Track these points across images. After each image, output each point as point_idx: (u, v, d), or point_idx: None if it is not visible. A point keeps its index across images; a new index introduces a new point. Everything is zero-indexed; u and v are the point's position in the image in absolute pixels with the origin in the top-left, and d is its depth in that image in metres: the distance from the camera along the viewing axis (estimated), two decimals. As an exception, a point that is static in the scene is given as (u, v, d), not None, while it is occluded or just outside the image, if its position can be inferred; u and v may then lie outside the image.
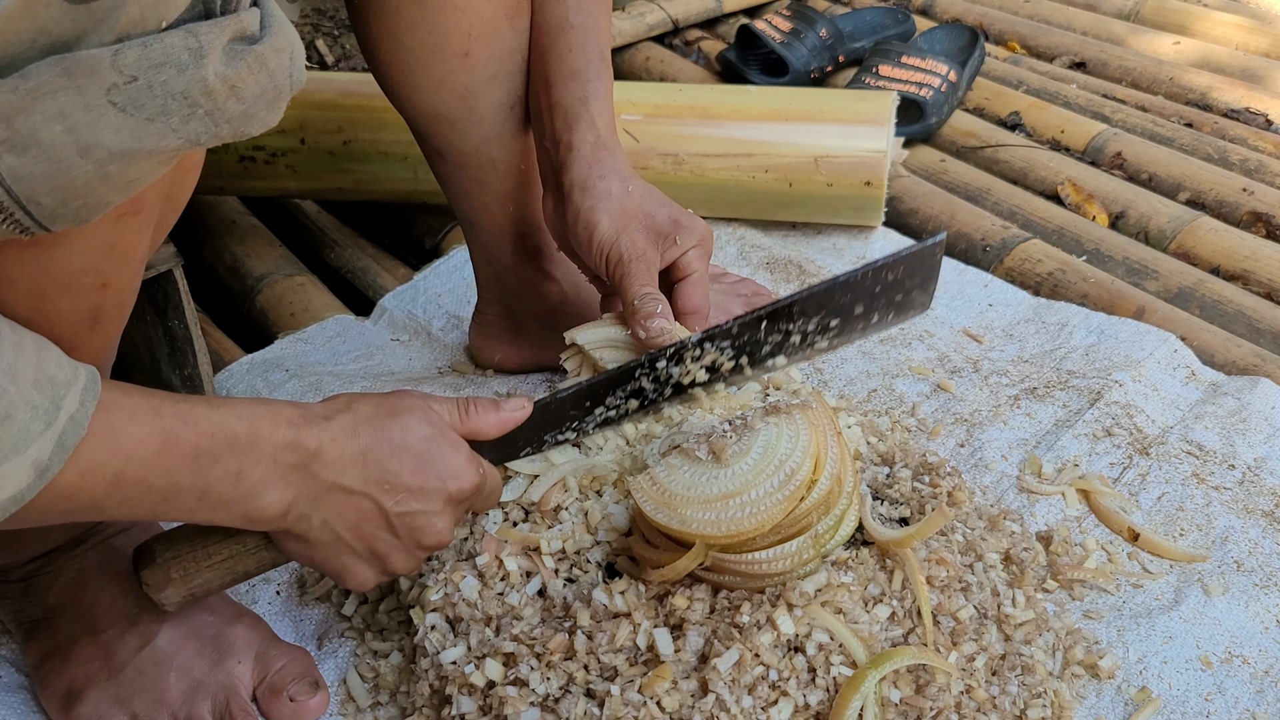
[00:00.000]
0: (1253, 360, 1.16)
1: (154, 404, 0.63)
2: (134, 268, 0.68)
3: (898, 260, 0.89)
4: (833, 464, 0.76)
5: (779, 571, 0.75)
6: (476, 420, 0.79)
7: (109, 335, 0.71)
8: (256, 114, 0.56)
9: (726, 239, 1.39)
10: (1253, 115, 1.67)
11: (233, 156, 1.37)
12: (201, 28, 0.52)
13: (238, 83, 0.53)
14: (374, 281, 1.38)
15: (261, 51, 0.54)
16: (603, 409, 0.87)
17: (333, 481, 0.71)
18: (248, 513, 0.69)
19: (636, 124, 1.35)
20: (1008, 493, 1.01)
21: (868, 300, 0.90)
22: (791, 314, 0.88)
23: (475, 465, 0.77)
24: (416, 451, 0.74)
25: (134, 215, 0.63)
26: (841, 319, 0.91)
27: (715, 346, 0.87)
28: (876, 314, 0.92)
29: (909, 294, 0.93)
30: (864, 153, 1.31)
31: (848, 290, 0.89)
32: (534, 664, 0.77)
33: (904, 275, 0.91)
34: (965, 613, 0.81)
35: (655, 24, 1.92)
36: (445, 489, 0.75)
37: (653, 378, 0.87)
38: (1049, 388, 1.12)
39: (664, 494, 0.76)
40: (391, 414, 0.74)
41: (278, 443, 0.68)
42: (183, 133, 0.53)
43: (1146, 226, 1.42)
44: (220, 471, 0.66)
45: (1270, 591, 0.91)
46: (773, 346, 0.89)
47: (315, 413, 0.71)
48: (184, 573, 0.77)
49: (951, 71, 1.64)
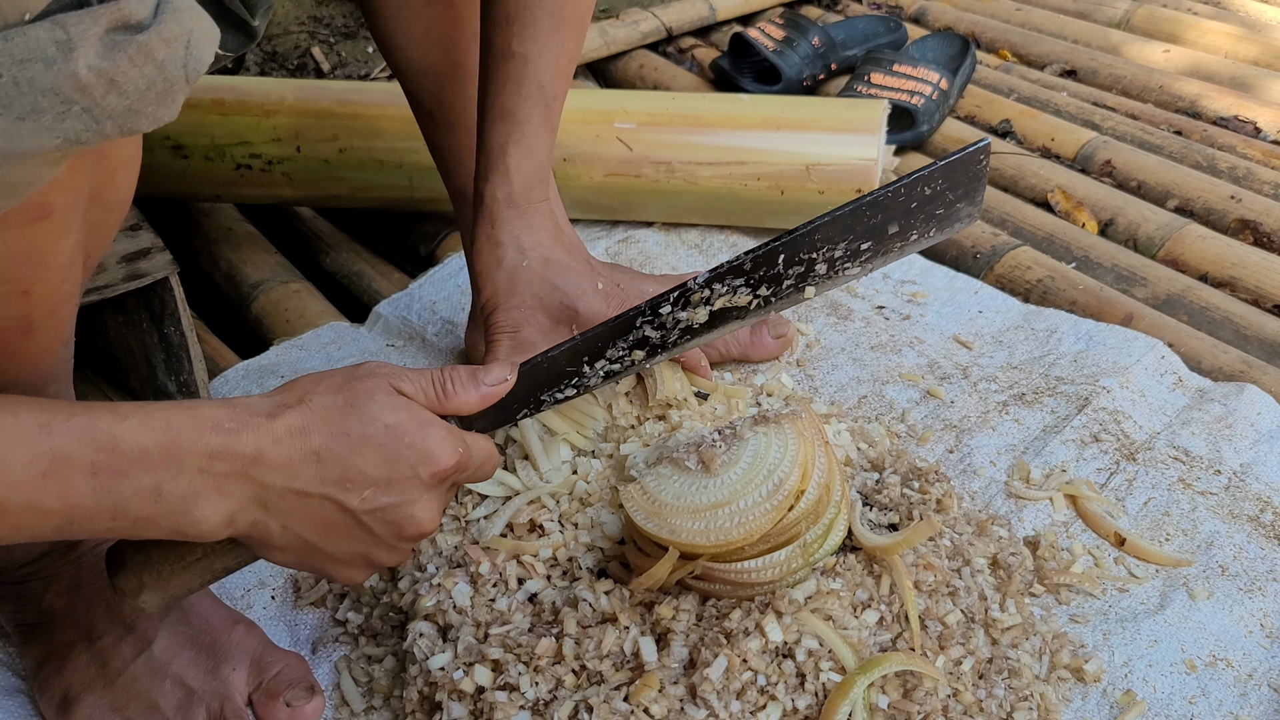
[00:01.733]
0: (1239, 367, 1.17)
1: (44, 420, 0.58)
2: (58, 273, 0.64)
3: (934, 171, 0.81)
4: (820, 473, 0.77)
5: (767, 580, 0.76)
6: (455, 398, 0.74)
7: (47, 343, 0.68)
8: (144, 110, 0.52)
9: (719, 246, 1.40)
10: (1241, 123, 1.69)
11: (229, 164, 1.38)
12: (70, 18, 0.48)
13: (117, 76, 0.50)
14: (369, 287, 1.39)
15: (146, 41, 0.50)
16: (604, 362, 0.82)
17: (284, 487, 0.65)
18: (179, 528, 0.63)
19: (630, 132, 1.36)
20: (996, 498, 1.02)
21: (903, 218, 0.82)
22: (813, 242, 0.81)
23: (453, 442, 0.71)
24: (380, 443, 0.67)
25: (42, 220, 0.59)
26: (874, 241, 0.83)
27: (726, 285, 0.82)
28: (915, 231, 0.83)
29: (952, 206, 0.83)
30: (855, 161, 1.32)
31: (877, 210, 0.81)
32: (522, 669, 0.77)
33: (944, 187, 0.82)
34: (952, 617, 0.82)
35: (649, 31, 1.94)
36: (418, 475, 0.69)
37: (657, 324, 0.82)
38: (1038, 394, 1.13)
39: (654, 503, 0.77)
40: (350, 404, 0.68)
41: (203, 452, 0.62)
42: (59, 131, 0.49)
43: (1135, 234, 1.43)
44: (132, 488, 0.60)
45: (1254, 596, 0.92)
46: (795, 278, 0.83)
47: (256, 411, 0.65)
48: (157, 576, 0.72)
49: (943, 79, 1.66)
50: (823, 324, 1.25)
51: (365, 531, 0.69)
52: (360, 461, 0.67)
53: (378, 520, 0.69)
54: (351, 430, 0.67)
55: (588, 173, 1.36)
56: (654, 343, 0.82)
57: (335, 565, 0.71)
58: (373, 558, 0.72)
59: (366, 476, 0.67)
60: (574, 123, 1.36)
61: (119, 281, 1.03)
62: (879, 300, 1.30)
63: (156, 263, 1.05)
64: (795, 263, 0.81)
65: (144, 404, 0.62)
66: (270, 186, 1.40)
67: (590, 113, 1.38)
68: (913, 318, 1.27)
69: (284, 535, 0.67)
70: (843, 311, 1.27)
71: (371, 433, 0.67)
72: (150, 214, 1.20)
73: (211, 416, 0.63)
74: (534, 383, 0.80)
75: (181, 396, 1.13)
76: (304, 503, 0.66)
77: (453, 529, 0.89)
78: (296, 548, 0.69)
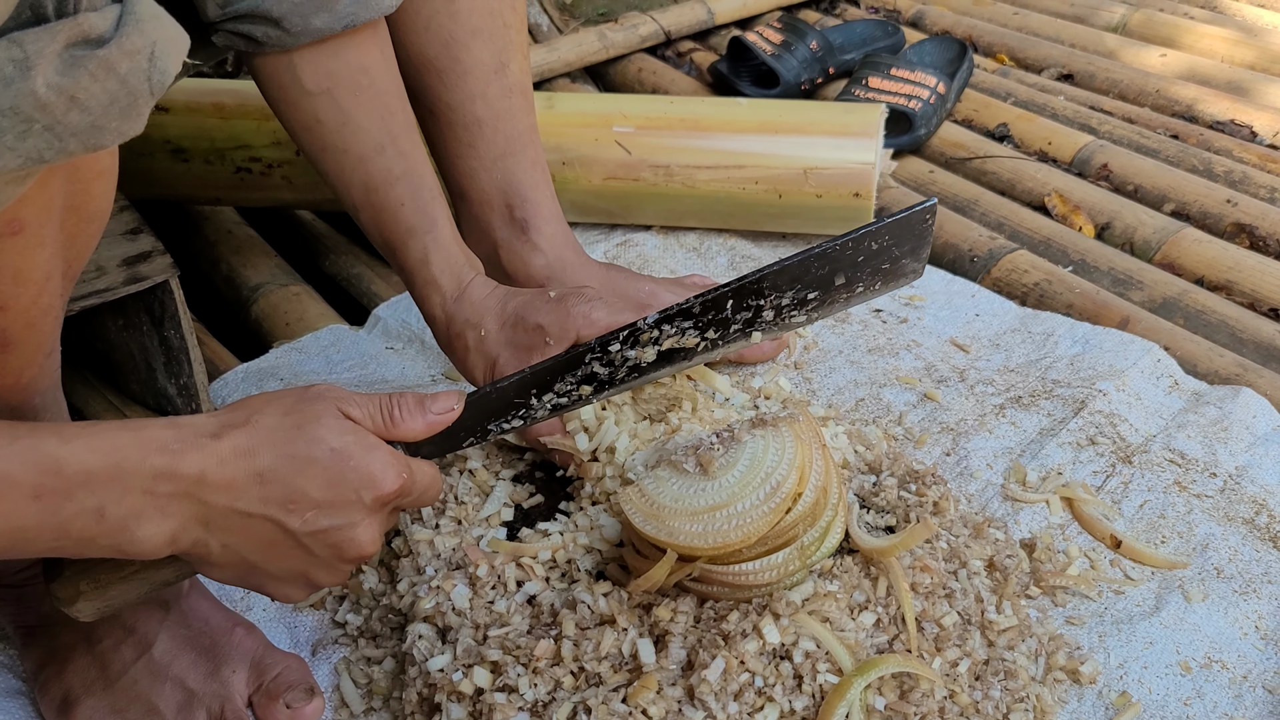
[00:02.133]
0: (1235, 370, 1.18)
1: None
2: (34, 287, 0.64)
3: (881, 228, 0.84)
4: (818, 476, 0.78)
5: (765, 582, 0.77)
6: (401, 426, 0.75)
7: (25, 356, 0.69)
8: (108, 125, 0.51)
9: (717, 249, 1.40)
10: (1238, 127, 1.69)
11: (229, 167, 1.38)
12: (27, 36, 0.48)
13: (77, 93, 0.49)
14: (368, 289, 1.39)
15: (107, 56, 0.50)
16: (552, 395, 0.83)
17: (226, 506, 0.65)
18: (120, 547, 0.63)
19: (628, 136, 1.36)
20: (992, 500, 1.03)
21: (850, 270, 0.85)
22: (761, 290, 0.84)
23: (397, 467, 0.72)
24: (325, 465, 0.68)
25: (13, 236, 0.59)
26: (821, 290, 0.86)
27: (675, 327, 0.84)
28: (861, 284, 0.87)
29: (897, 262, 0.87)
30: (852, 164, 1.33)
31: (825, 261, 0.84)
32: (521, 670, 0.78)
33: (891, 243, 0.85)
34: (949, 619, 0.82)
35: (648, 35, 1.94)
36: (361, 499, 0.70)
37: (605, 361, 0.84)
38: (1034, 397, 1.14)
39: (652, 506, 0.77)
40: (297, 426, 0.68)
41: (148, 473, 0.62)
42: (21, 150, 0.49)
43: (1132, 237, 1.44)
44: (75, 509, 0.60)
45: (1249, 598, 0.93)
46: (743, 323, 0.85)
47: (202, 430, 0.65)
48: (95, 584, 0.72)
49: (940, 83, 1.66)
50: (820, 326, 1.25)
51: (305, 552, 0.70)
52: (304, 483, 0.67)
53: (318, 542, 0.70)
54: (297, 452, 0.67)
55: (586, 176, 1.37)
56: (601, 379, 0.84)
57: (274, 583, 0.72)
58: (312, 577, 0.72)
59: (310, 499, 0.68)
60: (573, 126, 1.37)
61: (119, 285, 1.03)
62: (876, 303, 1.31)
63: (156, 266, 1.05)
64: (743, 308, 0.84)
65: (90, 424, 0.63)
66: (270, 190, 1.40)
67: (589, 116, 1.38)
68: (910, 321, 1.27)
69: (224, 554, 0.68)
70: (840, 314, 1.27)
71: (317, 455, 0.68)
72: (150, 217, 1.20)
73: (157, 438, 0.63)
74: (482, 411, 0.81)
75: (182, 400, 1.14)
76: (246, 523, 0.67)
77: (451, 530, 0.89)
78: (236, 565, 0.69)
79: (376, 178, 0.93)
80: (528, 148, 1.10)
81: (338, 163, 0.92)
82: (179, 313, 1.08)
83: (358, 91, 0.91)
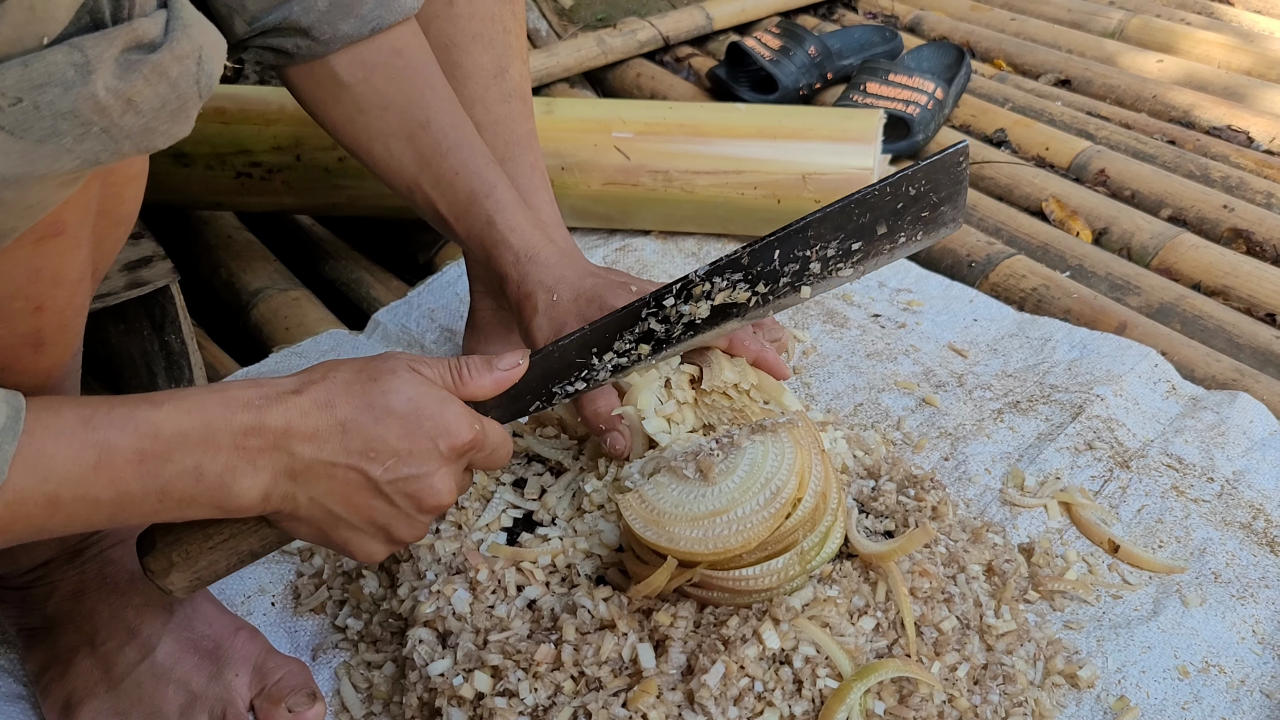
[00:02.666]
0: (1232, 375, 1.18)
1: (85, 415, 0.60)
2: (69, 289, 0.66)
3: (918, 171, 0.84)
4: (817, 481, 0.78)
5: (765, 588, 0.77)
6: (470, 384, 0.76)
7: (56, 356, 0.70)
8: (159, 127, 0.53)
9: (716, 254, 1.40)
10: (1234, 133, 1.70)
11: (229, 173, 1.38)
12: (87, 41, 0.49)
13: (134, 96, 0.51)
14: (368, 294, 1.40)
15: (160, 60, 0.51)
16: (613, 355, 0.83)
17: (312, 457, 0.67)
18: (221, 504, 0.66)
19: (628, 141, 1.37)
20: (991, 505, 1.03)
21: (891, 218, 0.84)
22: (806, 239, 0.83)
23: (469, 419, 0.73)
24: (402, 414, 0.70)
25: (55, 237, 0.61)
26: (864, 241, 0.85)
27: (726, 279, 0.84)
28: (903, 233, 0.86)
29: (936, 209, 0.86)
30: (851, 170, 1.33)
31: (865, 209, 0.83)
32: (521, 675, 0.78)
33: (928, 188, 0.85)
34: (948, 624, 0.83)
35: (646, 41, 1.95)
36: (437, 448, 0.71)
37: (661, 317, 0.84)
38: (1032, 402, 1.14)
39: (653, 512, 0.77)
40: (372, 378, 0.70)
41: (237, 429, 0.65)
42: (78, 152, 0.51)
43: (1129, 243, 1.44)
44: (175, 470, 0.63)
45: (1246, 602, 0.93)
46: (791, 276, 0.85)
47: (283, 388, 0.68)
48: (186, 556, 0.74)
49: (938, 89, 1.67)
50: (819, 331, 1.26)
51: (386, 502, 0.71)
52: (383, 431, 0.69)
53: (398, 490, 0.71)
54: (375, 403, 0.69)
55: (585, 181, 1.37)
56: (659, 336, 0.84)
57: (357, 537, 0.73)
58: (392, 530, 0.73)
59: (389, 446, 0.70)
60: (572, 131, 1.38)
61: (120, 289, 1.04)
62: (875, 308, 1.31)
63: (157, 271, 1.06)
64: (790, 259, 0.84)
65: (176, 391, 0.65)
66: (270, 195, 1.41)
67: (588, 122, 1.39)
68: (908, 326, 1.28)
69: (310, 507, 0.70)
70: (839, 319, 1.28)
71: (394, 404, 0.70)
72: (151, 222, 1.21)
73: (241, 396, 0.66)
74: (545, 372, 0.81)
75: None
76: (330, 472, 0.69)
77: (451, 535, 0.89)
78: (321, 519, 0.71)
79: (427, 152, 0.92)
80: (527, 152, 1.10)
81: (385, 148, 0.92)
82: (179, 317, 1.08)
83: (394, 74, 0.91)
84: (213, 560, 0.75)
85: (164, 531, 0.75)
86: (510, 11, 1.07)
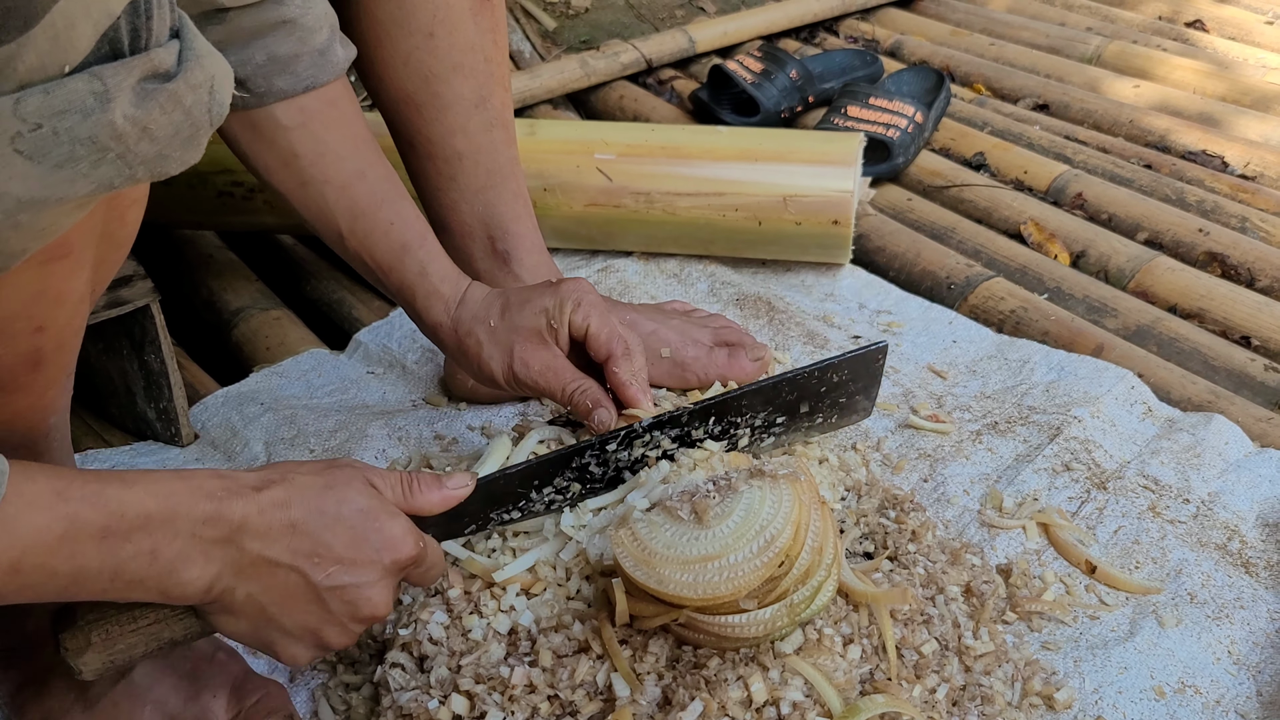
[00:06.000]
0: (1207, 397, 1.19)
1: (60, 487, 0.61)
2: (70, 309, 0.67)
3: (842, 361, 0.93)
4: (814, 537, 0.77)
5: (751, 636, 0.76)
6: (419, 498, 0.78)
7: (52, 376, 0.71)
8: (172, 154, 0.54)
9: (697, 276, 1.41)
10: (1209, 157, 1.72)
11: (211, 192, 1.38)
12: (107, 70, 0.51)
13: (149, 124, 0.52)
14: (350, 314, 1.40)
15: (175, 89, 0.53)
16: (550, 489, 0.86)
17: (258, 554, 0.69)
18: (166, 589, 0.66)
19: (610, 163, 1.37)
20: (969, 526, 1.03)
21: (813, 399, 0.94)
22: (740, 407, 0.90)
23: (414, 536, 0.75)
24: (351, 524, 0.72)
25: (61, 259, 0.62)
26: (788, 417, 0.94)
27: (665, 434, 0.88)
28: (821, 414, 0.96)
29: (852, 397, 0.96)
30: (831, 192, 1.34)
31: (794, 387, 0.92)
32: (498, 698, 0.78)
33: (849, 377, 0.94)
34: (929, 647, 0.83)
35: (629, 63, 1.96)
36: (381, 560, 0.73)
37: (600, 460, 0.87)
38: (1010, 423, 1.15)
39: (644, 551, 0.77)
40: (328, 485, 0.72)
41: (197, 517, 0.66)
42: (94, 178, 0.52)
43: (1106, 265, 1.46)
44: (132, 551, 0.63)
45: (1222, 623, 0.94)
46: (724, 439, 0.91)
47: (244, 483, 0.69)
48: (106, 637, 0.73)
49: (918, 113, 1.68)
50: (800, 353, 1.26)
51: (322, 607, 0.72)
52: (331, 538, 0.71)
53: (336, 598, 0.72)
54: (328, 509, 0.71)
55: (568, 203, 1.38)
56: (595, 477, 0.88)
57: (286, 639, 0.73)
58: (322, 636, 0.74)
59: (334, 554, 0.71)
60: (555, 153, 1.38)
61: (100, 309, 1.03)
62: (855, 329, 1.32)
63: (137, 290, 1.05)
64: (723, 424, 0.91)
65: (147, 472, 0.66)
66: (252, 214, 1.41)
67: (571, 143, 1.39)
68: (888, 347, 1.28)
69: (246, 603, 0.70)
70: (819, 340, 1.28)
71: (345, 513, 0.72)
72: (132, 241, 1.20)
73: (206, 485, 0.67)
74: (488, 496, 0.84)
75: (161, 424, 1.13)
76: (273, 572, 0.70)
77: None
78: (255, 617, 0.71)
79: (362, 202, 0.94)
80: (509, 180, 1.11)
81: (319, 194, 0.93)
82: (159, 337, 1.08)
83: (330, 124, 0.93)
84: (131, 644, 0.74)
85: (87, 609, 0.73)
86: (492, 40, 1.07)
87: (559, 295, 0.92)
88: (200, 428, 1.17)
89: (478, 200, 1.10)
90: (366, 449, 1.11)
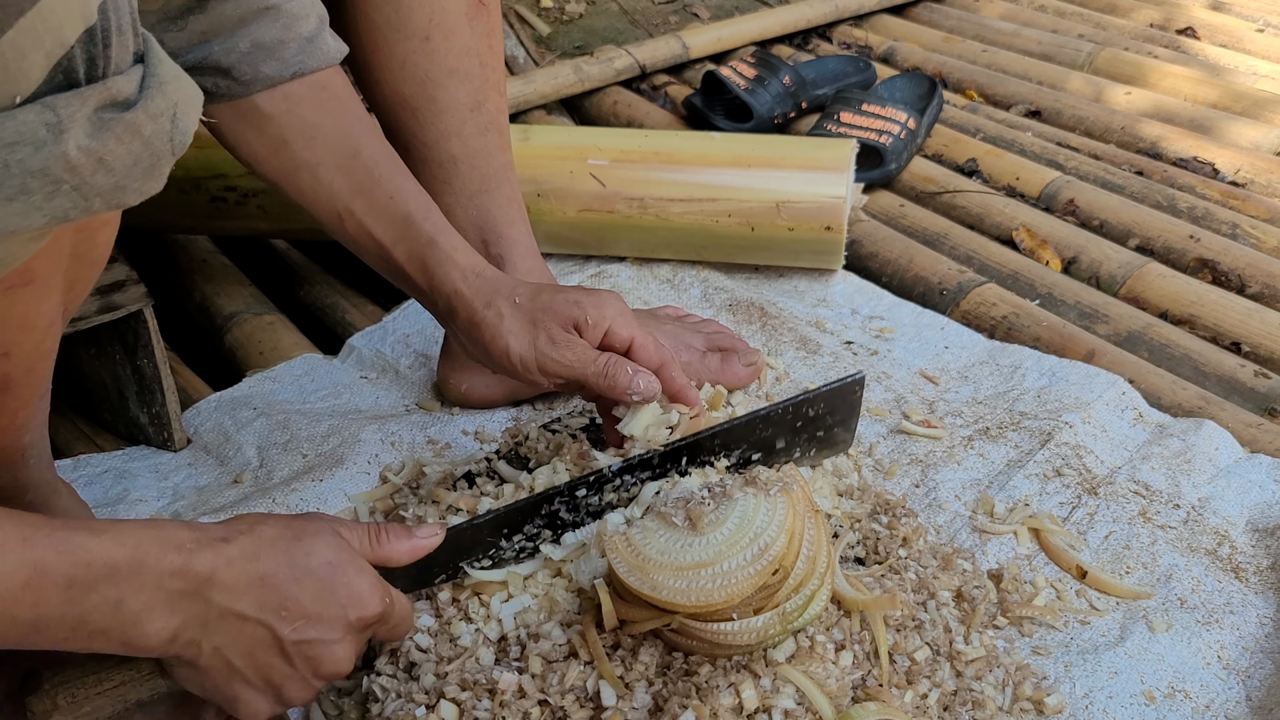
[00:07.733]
0: (1198, 403, 1.20)
1: (26, 533, 0.60)
2: (37, 335, 0.66)
3: (819, 395, 0.91)
4: (808, 547, 0.77)
5: (743, 644, 0.76)
6: (388, 548, 0.77)
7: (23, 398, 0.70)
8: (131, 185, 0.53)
9: (690, 281, 1.41)
10: (1200, 164, 1.73)
11: (204, 197, 1.38)
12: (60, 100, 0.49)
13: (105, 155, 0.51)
14: (343, 319, 1.40)
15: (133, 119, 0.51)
16: (521, 537, 0.85)
17: (226, 607, 0.68)
18: (128, 640, 0.65)
19: (603, 168, 1.38)
20: (961, 532, 1.04)
21: (789, 434, 0.92)
22: (714, 446, 0.88)
23: (381, 593, 0.75)
24: (319, 577, 0.71)
25: (24, 287, 0.61)
26: (763, 454, 0.92)
27: (635, 478, 0.87)
28: (798, 449, 0.94)
29: (830, 430, 0.95)
30: (824, 198, 1.35)
31: (769, 424, 0.90)
32: (488, 704, 0.78)
33: (825, 411, 0.93)
34: (921, 653, 0.83)
35: (623, 69, 1.96)
36: (346, 617, 0.72)
37: (570, 506, 0.86)
38: (1002, 429, 1.15)
39: (638, 556, 0.77)
40: (296, 537, 0.71)
41: (164, 569, 0.65)
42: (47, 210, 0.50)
43: (1098, 271, 1.46)
44: (97, 600, 0.62)
45: (1212, 628, 0.94)
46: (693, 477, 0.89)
47: (213, 535, 0.68)
48: (72, 700, 0.72)
49: (911, 119, 1.69)
50: (792, 358, 1.27)
51: (286, 661, 0.72)
52: (299, 591, 0.70)
53: (300, 653, 0.72)
54: (296, 561, 0.71)
55: (561, 208, 1.38)
56: (565, 522, 0.86)
57: (248, 693, 0.72)
58: (284, 691, 0.73)
59: (301, 608, 0.70)
60: (548, 158, 1.38)
61: (93, 314, 1.03)
62: (847, 335, 1.32)
63: (130, 295, 1.05)
64: (696, 463, 0.88)
65: (116, 521, 0.65)
66: (245, 219, 1.41)
67: (564, 149, 1.40)
68: (880, 353, 1.29)
69: (211, 657, 0.70)
70: (812, 346, 1.29)
71: (314, 566, 0.71)
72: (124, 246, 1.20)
73: (175, 537, 0.66)
74: (457, 547, 0.83)
75: (154, 428, 1.13)
76: (240, 626, 0.69)
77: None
78: (219, 671, 0.70)
79: (361, 179, 0.92)
80: (503, 184, 1.11)
81: (313, 178, 0.92)
82: (152, 342, 1.08)
83: (321, 106, 0.91)
84: (98, 706, 0.73)
85: (52, 671, 0.73)
86: (487, 45, 1.08)
87: (600, 300, 0.91)
88: (193, 432, 1.17)
89: (472, 205, 1.10)
90: (359, 454, 1.11)
